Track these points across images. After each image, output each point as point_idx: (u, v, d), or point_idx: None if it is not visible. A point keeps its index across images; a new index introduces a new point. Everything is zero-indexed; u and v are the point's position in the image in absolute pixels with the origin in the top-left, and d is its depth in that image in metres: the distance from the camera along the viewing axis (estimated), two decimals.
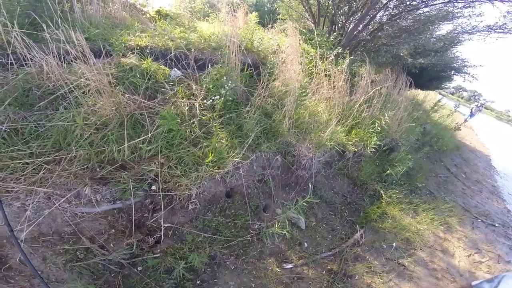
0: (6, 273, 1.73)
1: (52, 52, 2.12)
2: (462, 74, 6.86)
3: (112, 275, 2.03)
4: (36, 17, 2.25)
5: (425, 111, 8.08)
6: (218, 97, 2.74)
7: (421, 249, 3.51)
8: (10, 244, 1.69)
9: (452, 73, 7.16)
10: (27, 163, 1.81)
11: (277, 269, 2.63)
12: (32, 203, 1.70)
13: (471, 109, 13.85)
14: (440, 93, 13.15)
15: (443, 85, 8.65)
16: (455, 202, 5.00)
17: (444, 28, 5.50)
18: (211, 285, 2.30)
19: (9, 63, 2.15)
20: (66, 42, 2.07)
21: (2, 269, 1.73)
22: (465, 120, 13.32)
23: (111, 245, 2.01)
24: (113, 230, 2.03)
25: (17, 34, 1.98)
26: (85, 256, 1.94)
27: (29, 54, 2.07)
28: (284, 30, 4.03)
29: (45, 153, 1.90)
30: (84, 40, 2.10)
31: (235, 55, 3.05)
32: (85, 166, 1.96)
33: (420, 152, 5.64)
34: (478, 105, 14.13)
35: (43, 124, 2.02)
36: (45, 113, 2.07)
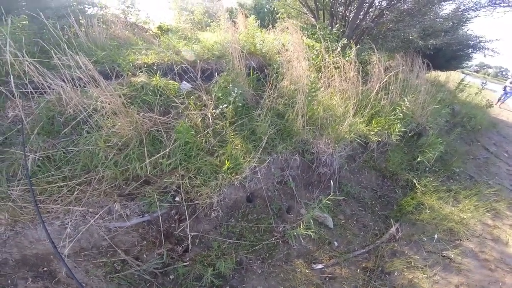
0: (55, 286, 2.03)
1: (66, 78, 2.41)
2: (481, 50, 6.83)
3: (148, 284, 2.27)
4: (45, 45, 2.47)
5: (450, 92, 7.91)
6: (226, 105, 2.96)
7: (467, 240, 3.39)
8: (57, 259, 1.99)
9: (470, 51, 7.16)
10: (62, 186, 2.12)
11: (306, 270, 2.71)
12: (71, 221, 2.00)
13: (505, 87, 11.98)
14: (463, 72, 12.32)
15: (464, 64, 8.59)
16: (500, 185, 4.80)
17: (447, 8, 5.59)
18: None
19: (29, 92, 2.43)
20: (76, 67, 2.36)
21: (52, 283, 2.04)
22: (499, 101, 12.05)
23: (144, 256, 2.27)
24: (145, 242, 2.28)
25: (29, 63, 2.24)
26: (122, 267, 2.20)
27: (46, 82, 2.36)
28: (285, 29, 4.24)
29: (76, 176, 2.21)
30: (90, 63, 2.38)
31: (239, 60, 3.29)
32: (113, 185, 2.25)
33: (452, 134, 5.53)
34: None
35: (71, 149, 2.34)
36: (71, 139, 2.40)
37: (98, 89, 2.36)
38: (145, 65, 3.20)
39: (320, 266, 2.79)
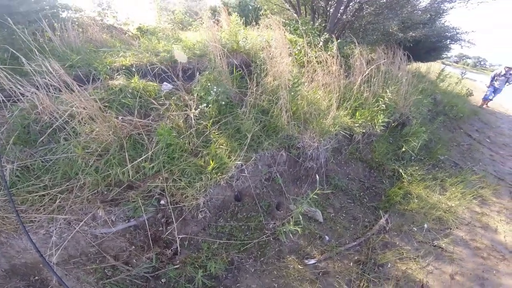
0: None
1: (39, 85, 2.35)
2: (458, 42, 7.14)
3: None
4: (14, 51, 2.39)
5: (431, 82, 8.12)
6: (205, 104, 2.95)
7: (457, 228, 3.47)
8: (47, 268, 1.96)
9: (448, 42, 7.44)
10: (43, 195, 2.08)
11: (299, 266, 2.74)
12: (55, 229, 1.98)
13: (492, 80, 9.28)
14: (443, 63, 12.29)
15: (443, 55, 8.89)
16: (485, 171, 4.95)
17: (424, 0, 5.84)
18: None
19: (1, 100, 2.34)
20: (47, 73, 2.30)
21: None
22: (485, 100, 9.72)
23: (134, 260, 2.25)
24: (133, 247, 2.26)
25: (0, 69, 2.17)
26: (112, 273, 2.19)
27: (18, 89, 2.31)
28: (268, 25, 4.26)
29: (57, 184, 2.17)
30: (61, 68, 2.34)
31: (220, 59, 3.28)
32: (95, 191, 2.21)
33: (435, 122, 5.68)
34: (506, 73, 8.99)
35: (49, 158, 2.28)
36: (49, 147, 2.34)
37: (71, 95, 2.31)
38: (123, 68, 3.15)
39: (312, 261, 2.81)
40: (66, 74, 2.38)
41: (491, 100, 9.82)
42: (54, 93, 2.43)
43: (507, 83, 9.19)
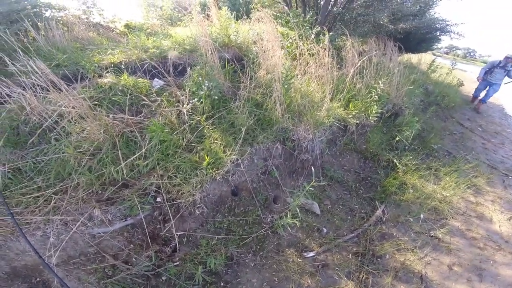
0: None
1: (26, 85, 2.32)
2: (448, 33, 7.29)
3: (142, 287, 2.28)
4: None
5: (423, 73, 8.25)
6: (197, 99, 2.94)
7: (453, 218, 3.51)
8: (47, 269, 1.95)
9: (438, 34, 7.59)
10: (38, 196, 2.06)
11: (298, 259, 2.76)
12: (52, 230, 1.97)
13: (486, 72, 7.27)
14: (434, 54, 12.33)
15: (433, 46, 9.08)
16: (477, 160, 5.01)
17: None
18: (235, 285, 2.48)
19: None
20: (35, 73, 2.27)
21: None
22: (475, 100, 8.23)
23: (133, 259, 2.25)
24: (132, 245, 2.26)
25: None
26: (113, 272, 2.20)
27: (3, 90, 2.26)
28: (260, 18, 4.25)
29: (51, 185, 2.14)
30: (47, 68, 2.30)
31: (212, 53, 3.26)
32: (90, 191, 2.18)
33: (428, 112, 5.79)
34: (505, 64, 6.80)
35: (41, 159, 2.24)
36: (40, 148, 2.30)
37: (59, 94, 2.28)
38: (112, 65, 3.10)
39: (311, 254, 2.84)
40: (52, 73, 2.33)
41: (483, 101, 7.89)
42: (42, 93, 2.39)
43: (506, 79, 7.10)
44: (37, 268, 2.08)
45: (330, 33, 4.50)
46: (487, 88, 7.63)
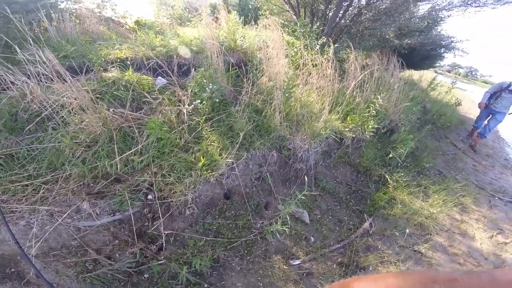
0: (25, 287, 1.93)
1: (31, 74, 2.27)
2: (452, 50, 7.19)
3: (122, 283, 2.19)
4: (8, 40, 2.36)
5: (422, 90, 8.18)
6: (199, 101, 2.89)
7: (437, 234, 3.49)
8: (25, 260, 1.87)
9: (442, 51, 7.50)
10: (26, 185, 1.99)
11: (284, 266, 2.71)
12: (37, 220, 1.89)
13: (492, 94, 5.76)
14: (436, 72, 11.98)
15: (436, 64, 9.01)
16: (467, 180, 5.00)
17: (422, 8, 5.80)
18: (219, 287, 2.42)
19: None
20: (42, 62, 2.23)
21: (21, 284, 1.94)
22: (474, 132, 6.75)
23: (117, 255, 2.18)
24: (117, 241, 2.19)
25: None
26: (94, 267, 2.11)
27: (8, 78, 2.22)
28: (267, 25, 4.21)
29: (41, 174, 2.08)
30: (55, 58, 2.26)
31: (217, 56, 3.22)
32: (81, 183, 2.13)
33: (423, 130, 5.73)
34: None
35: (35, 147, 2.19)
36: (36, 136, 2.25)
37: (63, 85, 2.23)
38: (118, 60, 3.06)
39: (297, 262, 2.79)
40: (59, 64, 2.29)
41: (482, 135, 6.36)
42: (46, 83, 2.34)
43: None
44: (14, 259, 1.99)
45: (335, 45, 4.46)
46: (489, 117, 6.12)
